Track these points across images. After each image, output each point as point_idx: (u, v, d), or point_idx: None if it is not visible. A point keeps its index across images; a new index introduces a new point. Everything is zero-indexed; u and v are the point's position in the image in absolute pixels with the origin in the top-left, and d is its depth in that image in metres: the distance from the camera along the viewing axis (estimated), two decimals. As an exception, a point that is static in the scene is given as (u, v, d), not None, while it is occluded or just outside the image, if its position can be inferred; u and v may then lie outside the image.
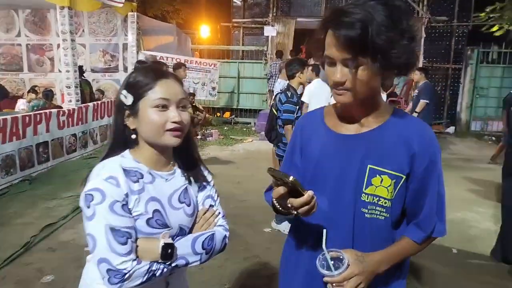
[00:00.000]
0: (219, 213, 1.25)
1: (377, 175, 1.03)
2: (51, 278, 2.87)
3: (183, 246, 1.09)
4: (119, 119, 1.13)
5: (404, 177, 1.04)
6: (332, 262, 0.98)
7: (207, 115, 9.75)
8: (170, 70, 5.52)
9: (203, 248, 1.11)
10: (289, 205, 0.98)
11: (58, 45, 7.03)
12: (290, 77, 3.88)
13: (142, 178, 1.10)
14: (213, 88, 9.48)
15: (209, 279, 2.93)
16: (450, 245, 3.56)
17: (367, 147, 1.05)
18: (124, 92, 1.09)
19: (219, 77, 9.75)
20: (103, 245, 1.00)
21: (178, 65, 6.08)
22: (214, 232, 1.17)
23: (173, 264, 1.07)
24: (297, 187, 0.95)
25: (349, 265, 0.98)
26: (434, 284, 3.01)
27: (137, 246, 1.05)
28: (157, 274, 1.05)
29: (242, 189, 5.07)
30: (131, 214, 1.05)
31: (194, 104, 8.95)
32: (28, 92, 7.49)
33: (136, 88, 1.08)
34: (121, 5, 7.31)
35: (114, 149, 1.15)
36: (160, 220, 1.09)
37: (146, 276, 1.03)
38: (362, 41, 0.90)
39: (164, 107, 1.07)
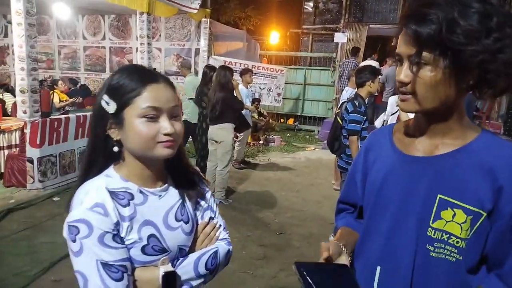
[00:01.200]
0: (220, 225, 1.12)
1: (449, 208, 0.87)
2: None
3: (185, 272, 0.98)
4: (100, 129, 0.95)
5: (485, 214, 0.85)
6: None
7: (270, 120, 9.77)
8: (237, 75, 5.56)
9: (206, 269, 1.01)
10: None
11: (137, 49, 7.50)
12: (359, 85, 3.69)
13: (132, 199, 0.95)
14: (279, 94, 9.48)
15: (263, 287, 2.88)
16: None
17: (439, 173, 0.89)
18: (106, 97, 0.93)
19: (285, 83, 9.72)
20: (96, 284, 0.86)
21: (245, 71, 6.16)
22: (216, 248, 1.06)
23: None
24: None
25: None
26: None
27: (135, 280, 0.93)
28: None
29: (300, 198, 4.96)
30: (124, 243, 0.91)
31: (258, 110, 9.03)
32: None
33: (120, 93, 0.92)
34: (195, 11, 7.61)
35: (94, 164, 0.98)
36: (157, 245, 0.96)
37: None
38: (429, 33, 0.78)
39: (154, 117, 0.92)
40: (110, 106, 0.92)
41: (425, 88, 0.84)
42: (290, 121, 11.06)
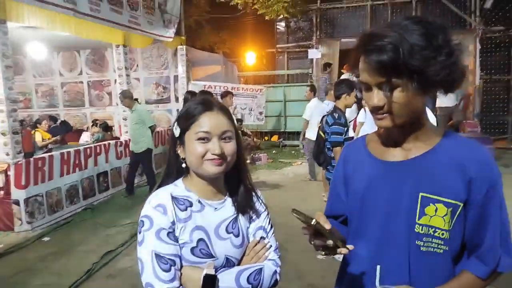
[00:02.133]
0: (271, 246, 1.19)
1: (431, 204, 0.95)
2: (111, 305, 2.97)
3: (227, 279, 1.06)
4: (172, 149, 1.17)
5: (462, 204, 0.95)
6: None
7: (255, 139, 9.87)
8: (218, 98, 5.65)
9: (248, 283, 1.07)
10: (312, 244, 0.97)
11: (115, 80, 7.54)
12: (337, 97, 3.82)
13: (191, 206, 1.11)
14: (260, 113, 9.61)
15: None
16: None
17: (417, 174, 0.97)
18: (175, 124, 1.15)
19: (266, 101, 9.88)
20: (149, 271, 1.02)
21: (225, 94, 6.26)
22: (262, 266, 1.12)
23: None
24: (320, 230, 0.93)
25: None
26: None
27: (181, 274, 1.06)
28: None
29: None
30: (177, 242, 1.06)
31: (242, 130, 9.12)
32: (92, 125, 8.06)
33: (183, 120, 1.12)
34: (170, 39, 7.74)
35: (168, 176, 1.19)
36: (205, 249, 1.08)
37: None
38: (393, 63, 0.86)
39: (206, 139, 1.08)
40: (176, 131, 1.14)
41: (399, 107, 0.92)
42: (275, 138, 11.19)
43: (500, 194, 0.96)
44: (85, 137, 7.62)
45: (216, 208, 1.14)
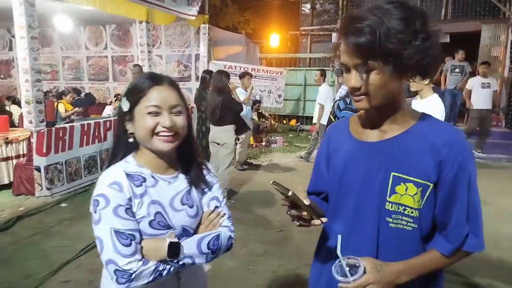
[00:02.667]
0: (224, 214, 1.25)
1: (402, 183, 1.00)
2: (118, 269, 3.14)
3: (189, 246, 1.12)
4: (121, 124, 1.18)
5: (432, 185, 0.99)
6: (348, 269, 0.96)
7: (272, 122, 9.89)
8: (236, 78, 5.68)
9: (208, 248, 1.14)
10: (289, 215, 1.03)
11: (138, 56, 7.67)
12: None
13: (144, 181, 1.14)
14: (279, 96, 9.60)
15: (261, 283, 2.98)
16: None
17: (390, 154, 1.02)
18: (123, 99, 1.16)
19: (286, 84, 9.84)
20: (109, 247, 1.05)
21: (243, 74, 6.29)
22: (219, 232, 1.19)
23: (180, 263, 1.10)
24: (297, 202, 0.98)
25: (365, 272, 0.95)
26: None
27: (141, 247, 1.09)
28: (163, 274, 1.09)
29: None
30: (134, 217, 1.10)
31: (260, 111, 9.15)
32: (115, 100, 8.29)
33: (132, 95, 1.14)
34: (193, 18, 7.76)
35: (117, 153, 1.20)
36: (162, 221, 1.13)
37: (152, 276, 1.07)
38: (370, 46, 0.89)
39: (156, 113, 1.11)
40: (125, 105, 1.14)
41: (375, 89, 0.96)
42: (292, 122, 11.16)
43: (470, 176, 0.99)
44: (108, 111, 7.83)
45: (169, 182, 1.19)
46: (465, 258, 1.06)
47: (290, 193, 0.97)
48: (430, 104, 3.37)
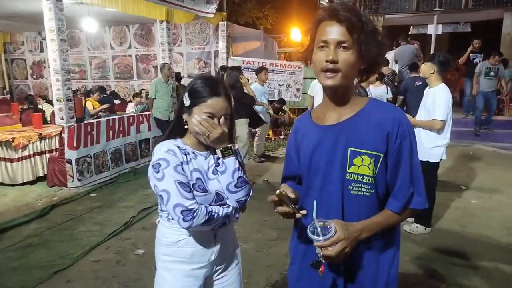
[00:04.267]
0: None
1: (358, 156, 1.19)
2: (142, 252, 3.42)
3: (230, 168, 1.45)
4: (179, 113, 1.49)
5: (382, 155, 1.19)
6: (320, 229, 1.13)
7: (291, 115, 10.03)
8: (253, 74, 5.88)
9: (236, 186, 1.44)
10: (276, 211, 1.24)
11: (160, 55, 7.98)
12: (363, 76, 3.94)
13: (188, 154, 1.46)
14: (298, 90, 9.72)
15: (274, 263, 3.18)
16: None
17: (347, 133, 1.21)
18: (186, 95, 1.45)
19: (304, 78, 9.94)
20: (176, 194, 1.35)
21: (260, 69, 6.48)
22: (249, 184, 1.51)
23: (225, 208, 1.45)
24: (283, 199, 1.20)
25: (336, 232, 1.12)
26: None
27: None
28: (215, 216, 1.39)
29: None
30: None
31: (282, 108, 9.31)
32: (134, 96, 8.67)
33: (195, 96, 1.42)
34: (212, 15, 8.00)
35: (171, 133, 1.52)
36: (201, 185, 1.44)
37: (207, 216, 1.37)
38: (357, 26, 1.12)
39: (210, 117, 1.40)
40: (187, 102, 1.44)
41: (347, 67, 1.16)
42: (311, 115, 11.25)
43: (411, 144, 1.20)
44: (130, 108, 8.21)
45: (205, 157, 1.51)
46: (478, 243, 1.26)
47: (278, 192, 1.18)
48: (438, 92, 3.48)
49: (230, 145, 1.44)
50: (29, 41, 10.99)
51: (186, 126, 1.48)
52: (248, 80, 5.54)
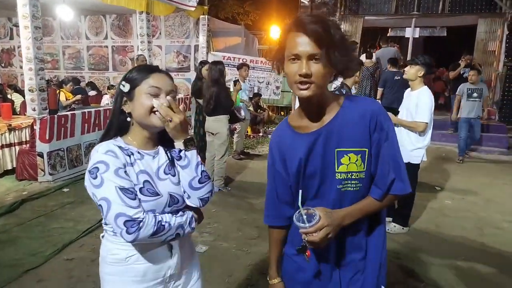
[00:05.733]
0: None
1: (345, 155, 1.22)
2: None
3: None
4: (117, 105, 1.31)
5: (367, 150, 1.22)
6: (306, 217, 1.17)
7: (270, 113, 10.02)
8: (234, 70, 5.86)
9: (200, 181, 1.32)
10: None
11: (138, 46, 7.77)
12: (348, 75, 3.94)
13: (132, 155, 1.28)
14: (277, 87, 9.71)
15: (255, 263, 3.15)
16: None
17: (330, 135, 1.23)
18: (123, 82, 1.29)
19: (284, 76, 9.95)
20: (118, 203, 1.16)
21: (240, 66, 6.42)
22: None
23: (177, 216, 1.30)
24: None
25: (320, 219, 1.16)
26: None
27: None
28: (165, 227, 1.22)
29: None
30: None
31: (258, 104, 9.28)
32: (108, 88, 8.42)
33: (133, 78, 1.28)
34: (193, 8, 7.85)
35: (110, 131, 1.32)
36: (151, 189, 1.27)
37: (156, 226, 1.19)
38: (326, 37, 1.12)
39: (155, 94, 1.25)
40: (126, 87, 1.28)
41: (320, 78, 1.15)
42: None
43: (389, 134, 1.23)
44: (106, 100, 7.97)
45: (153, 157, 1.34)
46: (455, 243, 1.26)
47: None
48: (421, 95, 3.53)
49: (192, 136, 1.31)
50: (-3, 27, 10.47)
51: (129, 119, 1.30)
52: (241, 87, 5.52)
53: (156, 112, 1.24)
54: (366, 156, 1.23)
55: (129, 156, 1.27)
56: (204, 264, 3.08)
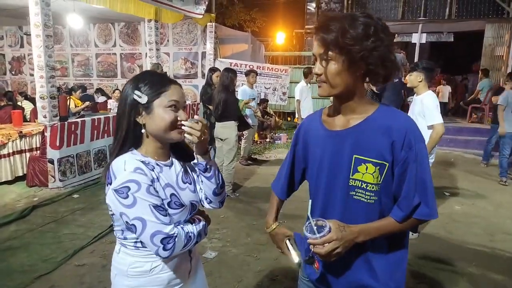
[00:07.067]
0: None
1: (362, 164, 1.19)
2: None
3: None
4: (132, 116, 1.24)
5: (387, 164, 1.17)
6: (316, 227, 1.14)
7: (277, 119, 10.04)
8: (243, 76, 5.92)
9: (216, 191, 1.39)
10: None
11: (146, 54, 7.86)
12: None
13: (154, 169, 1.25)
14: (284, 93, 9.75)
15: (264, 269, 3.14)
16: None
17: (353, 140, 1.21)
18: (138, 93, 1.22)
19: (291, 82, 9.98)
20: (153, 221, 1.16)
21: (248, 72, 6.45)
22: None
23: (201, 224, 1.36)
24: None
25: (329, 231, 1.13)
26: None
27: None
28: (191, 237, 1.26)
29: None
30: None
31: (265, 110, 9.31)
32: (113, 92, 8.54)
33: (152, 89, 1.22)
34: (200, 16, 7.94)
35: (125, 144, 1.25)
36: (177, 201, 1.27)
37: (186, 239, 1.24)
38: (330, 38, 1.12)
39: (175, 107, 1.24)
40: (143, 99, 1.22)
41: (332, 77, 1.16)
42: (296, 119, 11.29)
43: (418, 153, 1.16)
44: (110, 104, 8.08)
45: (169, 167, 1.33)
46: (463, 249, 1.24)
47: (296, 261, 1.34)
48: (426, 98, 3.53)
49: (210, 147, 1.34)
50: (8, 36, 10.65)
51: (143, 130, 1.25)
52: (249, 105, 5.69)
53: (184, 128, 1.23)
54: (386, 170, 1.17)
55: (153, 170, 1.24)
56: (213, 270, 3.12)
